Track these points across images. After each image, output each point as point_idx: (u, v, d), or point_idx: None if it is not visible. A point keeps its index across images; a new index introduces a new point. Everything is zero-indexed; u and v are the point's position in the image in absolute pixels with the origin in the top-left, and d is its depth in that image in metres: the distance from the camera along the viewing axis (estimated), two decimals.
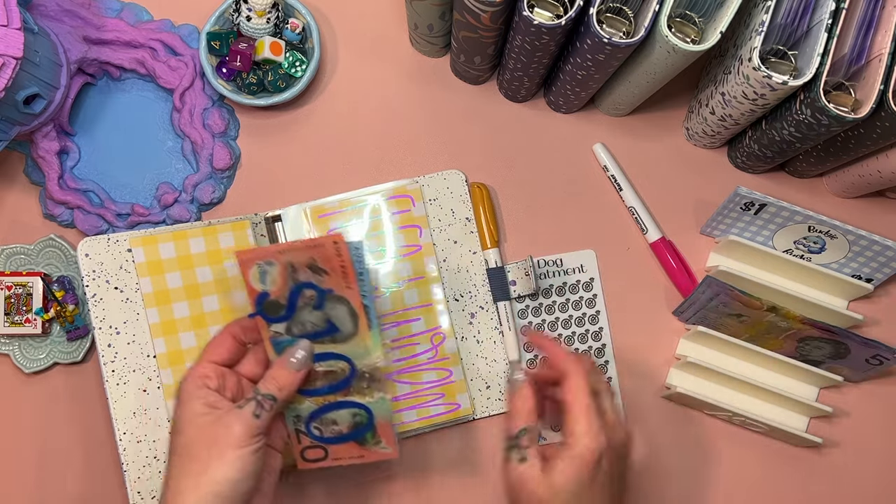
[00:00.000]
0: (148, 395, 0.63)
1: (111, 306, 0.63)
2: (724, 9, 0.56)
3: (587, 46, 0.56)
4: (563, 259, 0.69)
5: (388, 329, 0.66)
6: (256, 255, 0.50)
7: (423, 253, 0.67)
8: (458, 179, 0.68)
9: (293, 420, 0.54)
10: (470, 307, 0.67)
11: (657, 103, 0.70)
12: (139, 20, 0.69)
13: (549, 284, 0.68)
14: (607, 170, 0.70)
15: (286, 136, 0.70)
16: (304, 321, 0.52)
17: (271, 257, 0.50)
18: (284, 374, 0.51)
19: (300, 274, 0.50)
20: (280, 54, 0.67)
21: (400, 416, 0.65)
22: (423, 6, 0.62)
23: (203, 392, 0.50)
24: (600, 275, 0.69)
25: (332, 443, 0.55)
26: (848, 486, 0.68)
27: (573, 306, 0.68)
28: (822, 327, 0.62)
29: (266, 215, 0.67)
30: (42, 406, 0.67)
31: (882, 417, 0.69)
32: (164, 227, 0.64)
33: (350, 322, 0.52)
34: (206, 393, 0.50)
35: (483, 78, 0.71)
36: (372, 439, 0.55)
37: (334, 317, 0.52)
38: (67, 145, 0.68)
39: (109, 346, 0.63)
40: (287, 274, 0.51)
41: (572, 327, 0.68)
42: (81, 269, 0.63)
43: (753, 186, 0.70)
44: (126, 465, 0.62)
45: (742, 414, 0.65)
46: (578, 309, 0.68)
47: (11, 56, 0.58)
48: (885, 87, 0.55)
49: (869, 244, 0.64)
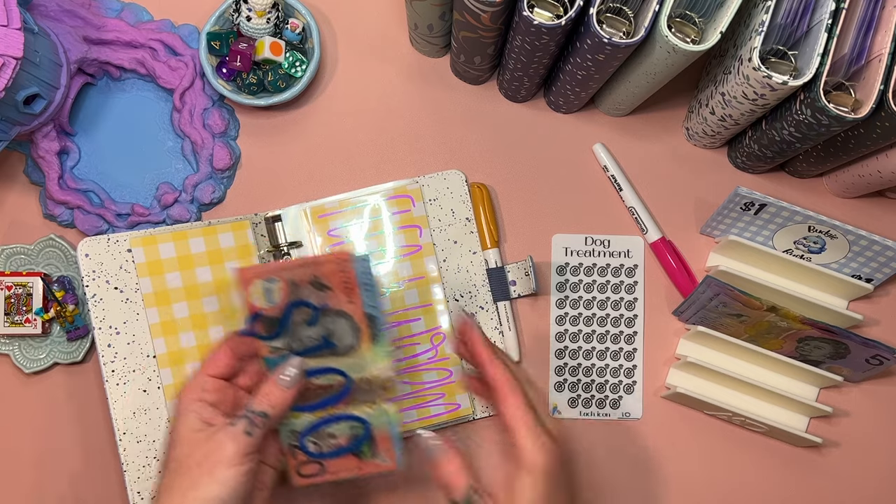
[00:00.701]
0: (148, 395, 0.63)
1: (111, 306, 0.63)
2: (724, 9, 0.56)
3: (587, 46, 0.56)
4: (612, 241, 0.69)
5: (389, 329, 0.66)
6: (257, 272, 0.50)
7: (423, 253, 0.67)
8: (458, 179, 0.68)
9: (288, 435, 0.53)
10: (470, 307, 0.67)
11: (657, 103, 0.70)
12: (139, 20, 0.69)
13: (593, 263, 0.69)
14: (607, 170, 0.70)
15: (286, 136, 0.70)
16: (301, 337, 0.52)
17: (273, 274, 0.50)
18: (276, 392, 0.51)
19: (302, 290, 0.50)
20: (280, 54, 0.67)
21: (400, 417, 0.65)
22: (423, 6, 0.62)
23: (198, 406, 0.50)
24: (645, 264, 0.69)
25: (328, 457, 0.54)
26: (848, 486, 0.68)
27: (612, 289, 0.69)
28: (822, 327, 0.62)
29: (266, 215, 0.67)
30: (42, 406, 0.67)
31: (882, 417, 0.69)
32: (164, 227, 0.64)
33: (351, 335, 0.52)
34: (202, 407, 0.50)
35: (483, 78, 0.71)
36: (369, 451, 0.54)
37: (333, 331, 0.52)
38: (67, 145, 0.68)
39: (109, 347, 0.63)
40: (289, 290, 0.50)
41: (607, 309, 0.69)
42: (81, 270, 0.63)
43: (753, 186, 0.70)
44: (126, 465, 0.62)
45: (742, 414, 0.65)
46: (617, 292, 0.69)
47: (11, 56, 0.58)
48: (885, 87, 0.55)
49: (869, 244, 0.64)
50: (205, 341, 0.64)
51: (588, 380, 0.68)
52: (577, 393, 0.68)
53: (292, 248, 0.67)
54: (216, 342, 0.53)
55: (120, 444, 0.62)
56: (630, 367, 0.68)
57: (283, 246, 0.66)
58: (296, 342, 0.52)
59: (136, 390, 0.63)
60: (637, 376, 0.68)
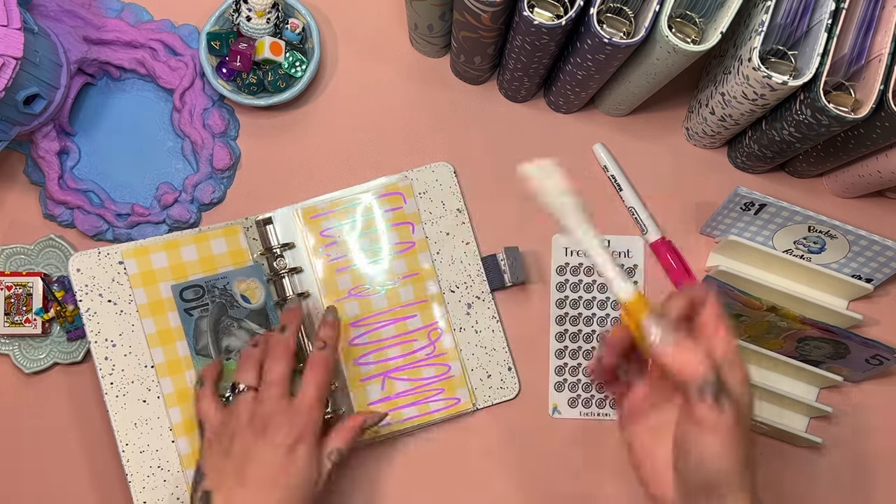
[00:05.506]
0: (148, 406, 0.62)
1: (105, 319, 0.62)
2: (725, 9, 0.56)
3: (587, 46, 0.56)
4: (612, 241, 0.69)
5: (386, 326, 0.66)
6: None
7: (416, 249, 0.67)
8: (447, 171, 0.68)
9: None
10: (466, 298, 0.67)
11: (657, 103, 0.70)
12: (139, 20, 0.69)
13: (592, 263, 0.68)
14: (607, 170, 0.70)
15: (286, 136, 0.70)
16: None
17: None
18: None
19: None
20: (280, 54, 0.67)
21: (400, 413, 0.66)
22: (423, 6, 0.62)
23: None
24: (645, 264, 0.69)
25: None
26: (848, 486, 0.68)
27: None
28: (822, 327, 0.62)
29: (257, 218, 0.67)
30: (42, 406, 0.67)
31: (882, 417, 0.69)
32: (154, 238, 0.64)
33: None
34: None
35: (483, 78, 0.71)
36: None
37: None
38: (67, 145, 0.68)
39: (107, 359, 0.62)
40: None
41: (607, 309, 0.69)
42: (74, 285, 0.62)
43: (753, 186, 0.70)
44: (130, 476, 0.61)
45: None
46: None
47: (11, 56, 0.58)
48: (885, 87, 0.55)
49: (869, 244, 0.64)
50: None
51: (588, 380, 0.68)
52: (577, 393, 0.68)
53: (285, 250, 0.67)
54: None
55: (123, 455, 0.61)
56: None
57: (275, 248, 0.66)
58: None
59: (136, 401, 0.62)
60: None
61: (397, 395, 0.66)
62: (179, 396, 0.62)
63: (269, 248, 0.66)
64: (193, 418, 0.62)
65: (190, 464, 0.62)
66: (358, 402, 0.65)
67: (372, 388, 0.66)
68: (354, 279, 0.67)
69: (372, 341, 0.66)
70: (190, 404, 0.62)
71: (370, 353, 0.66)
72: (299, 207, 0.67)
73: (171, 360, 0.63)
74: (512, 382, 0.67)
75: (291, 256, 0.67)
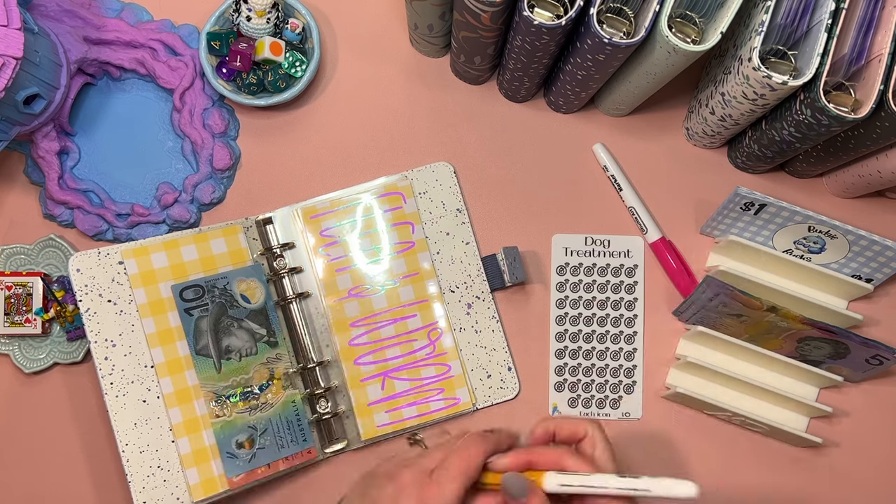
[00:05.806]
0: (148, 406, 0.62)
1: (105, 319, 0.62)
2: (725, 9, 0.56)
3: (587, 46, 0.56)
4: (612, 241, 0.69)
5: (386, 326, 0.66)
6: None
7: (416, 249, 0.67)
8: (447, 171, 0.68)
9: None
10: (466, 298, 0.67)
11: (657, 103, 0.70)
12: (139, 20, 0.69)
13: (593, 263, 0.69)
14: (607, 170, 0.70)
15: (286, 136, 0.70)
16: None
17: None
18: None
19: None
20: (280, 54, 0.67)
21: (400, 413, 0.66)
22: (423, 6, 0.62)
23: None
24: (645, 264, 0.69)
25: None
26: (848, 486, 0.68)
27: (612, 289, 0.69)
28: (822, 327, 0.62)
29: (257, 218, 0.67)
30: (42, 406, 0.67)
31: (882, 417, 0.69)
32: (154, 238, 0.64)
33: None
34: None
35: (483, 78, 0.71)
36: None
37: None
38: (67, 145, 0.68)
39: (106, 359, 0.62)
40: None
41: (607, 309, 0.69)
42: (74, 285, 0.62)
43: (753, 186, 0.70)
44: (130, 475, 0.61)
45: (742, 414, 0.65)
46: (617, 292, 0.69)
47: (11, 56, 0.58)
48: (885, 87, 0.55)
49: (869, 244, 0.64)
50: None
51: (588, 380, 0.68)
52: (577, 393, 0.68)
53: (285, 250, 0.67)
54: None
55: (123, 455, 0.61)
56: (630, 367, 0.68)
57: (275, 248, 0.66)
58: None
59: (136, 401, 0.62)
60: (637, 376, 0.68)
61: (397, 395, 0.66)
62: (179, 396, 0.62)
63: (269, 248, 0.66)
64: (194, 418, 0.62)
65: (190, 464, 0.62)
66: (358, 402, 0.65)
67: (372, 388, 0.66)
68: (354, 279, 0.67)
69: (372, 341, 0.66)
70: (190, 404, 0.62)
71: (370, 353, 0.66)
72: (299, 207, 0.67)
73: (171, 360, 0.63)
74: (512, 382, 0.67)
75: (291, 256, 0.67)
